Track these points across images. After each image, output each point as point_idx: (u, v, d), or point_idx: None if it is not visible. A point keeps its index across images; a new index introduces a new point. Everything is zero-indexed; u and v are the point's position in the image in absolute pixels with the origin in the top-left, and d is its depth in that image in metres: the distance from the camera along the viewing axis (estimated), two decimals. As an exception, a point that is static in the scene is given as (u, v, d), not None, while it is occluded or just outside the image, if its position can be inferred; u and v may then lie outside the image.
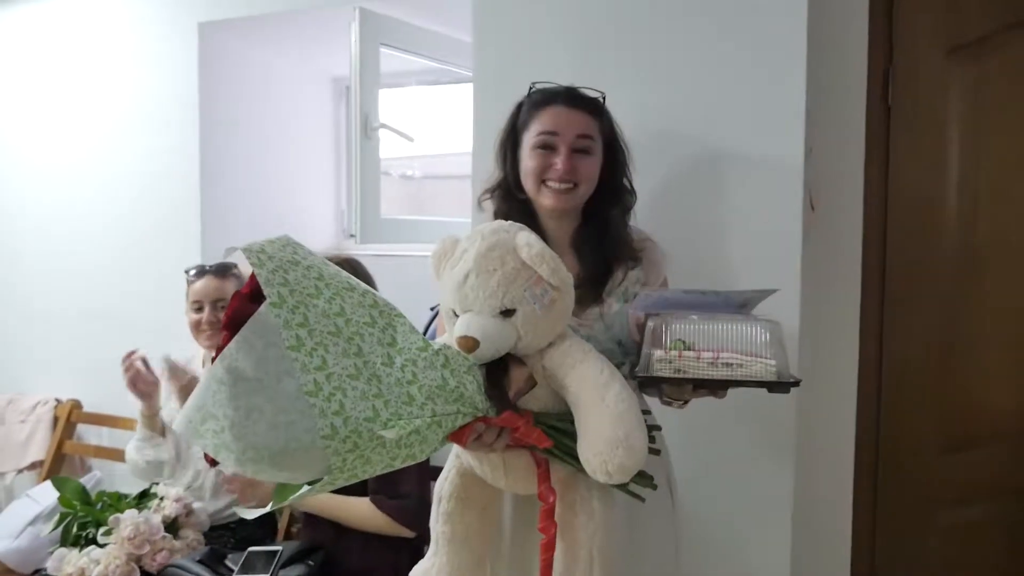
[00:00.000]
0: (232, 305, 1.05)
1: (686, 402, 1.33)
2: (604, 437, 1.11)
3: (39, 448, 2.90)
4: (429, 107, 3.01)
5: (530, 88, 1.48)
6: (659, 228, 1.55)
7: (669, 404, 1.36)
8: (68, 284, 3.01)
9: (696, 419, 1.45)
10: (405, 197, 3.53)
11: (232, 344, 1.00)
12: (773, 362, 1.16)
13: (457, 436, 1.12)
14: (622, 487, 1.19)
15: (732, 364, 1.16)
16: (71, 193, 2.98)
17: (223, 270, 2.17)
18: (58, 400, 2.96)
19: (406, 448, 1.04)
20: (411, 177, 3.40)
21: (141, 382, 2.07)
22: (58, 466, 2.86)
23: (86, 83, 2.92)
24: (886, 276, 1.90)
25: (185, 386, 2.01)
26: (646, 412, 1.29)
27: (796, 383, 1.16)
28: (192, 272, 2.19)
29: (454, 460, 1.33)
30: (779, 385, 1.15)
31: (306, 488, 1.02)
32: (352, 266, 1.87)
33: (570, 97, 1.42)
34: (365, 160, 2.35)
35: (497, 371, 1.17)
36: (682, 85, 1.76)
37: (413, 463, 1.09)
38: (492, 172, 1.51)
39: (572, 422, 1.18)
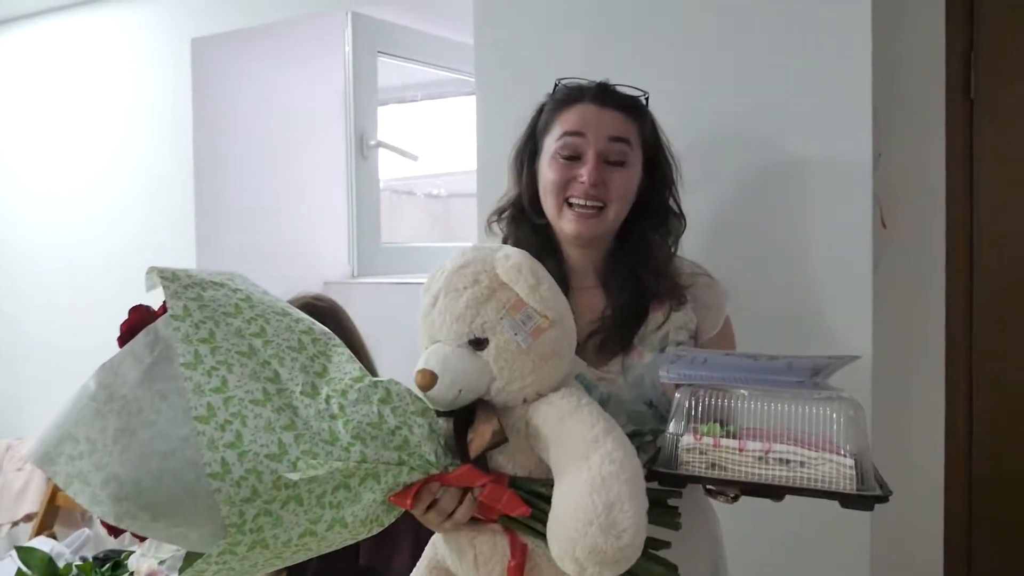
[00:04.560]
0: (130, 319, 0.86)
1: (735, 497, 1.01)
2: (575, 508, 0.81)
3: (35, 499, 2.73)
4: (440, 122, 2.78)
5: (555, 85, 1.21)
6: (698, 253, 1.28)
7: (713, 497, 1.05)
8: (65, 319, 2.83)
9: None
10: (429, 217, 3.32)
11: (115, 356, 0.83)
12: (850, 461, 0.83)
13: (401, 497, 0.87)
14: None
15: (790, 461, 0.84)
16: (65, 222, 2.83)
17: None
18: (54, 447, 2.77)
19: (332, 508, 0.80)
20: (437, 196, 3.18)
21: None
22: (51, 519, 2.68)
23: (78, 106, 2.78)
24: (974, 305, 1.63)
25: None
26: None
27: (883, 498, 0.83)
28: None
29: (429, 550, 1.08)
30: (858, 499, 0.82)
31: (213, 566, 0.76)
32: (326, 313, 1.55)
33: (602, 93, 1.16)
34: (361, 182, 2.10)
35: (464, 422, 0.93)
36: (722, 83, 1.50)
37: (349, 536, 0.85)
38: (507, 189, 1.25)
39: None
